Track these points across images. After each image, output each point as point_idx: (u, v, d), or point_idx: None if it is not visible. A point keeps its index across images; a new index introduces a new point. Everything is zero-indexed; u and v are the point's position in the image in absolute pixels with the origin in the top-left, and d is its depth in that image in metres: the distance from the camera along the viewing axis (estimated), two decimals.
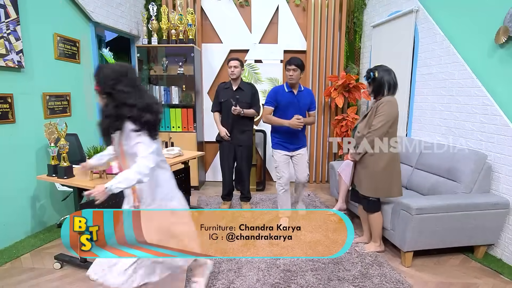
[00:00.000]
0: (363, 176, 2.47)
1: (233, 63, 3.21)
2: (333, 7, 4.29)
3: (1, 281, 2.17)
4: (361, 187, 2.51)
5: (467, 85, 2.70)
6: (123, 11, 3.94)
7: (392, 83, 2.37)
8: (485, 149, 2.56)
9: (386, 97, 2.36)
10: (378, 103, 2.36)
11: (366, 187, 2.46)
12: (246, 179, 3.44)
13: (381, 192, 2.44)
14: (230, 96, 3.22)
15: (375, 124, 2.32)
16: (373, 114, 2.37)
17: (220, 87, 3.38)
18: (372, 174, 2.41)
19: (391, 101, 2.33)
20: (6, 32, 2.49)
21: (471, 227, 2.37)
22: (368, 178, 2.44)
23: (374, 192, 2.45)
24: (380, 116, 2.31)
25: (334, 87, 4.14)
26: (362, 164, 2.46)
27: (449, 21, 2.91)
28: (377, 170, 2.39)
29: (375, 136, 2.32)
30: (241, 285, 2.13)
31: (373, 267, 2.34)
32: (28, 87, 2.74)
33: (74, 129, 3.05)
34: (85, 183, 2.20)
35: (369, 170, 2.42)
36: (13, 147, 2.64)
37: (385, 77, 2.36)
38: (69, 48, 3.16)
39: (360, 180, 2.50)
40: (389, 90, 2.37)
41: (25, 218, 2.79)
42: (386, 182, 2.41)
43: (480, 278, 2.25)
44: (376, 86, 2.39)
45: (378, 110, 2.33)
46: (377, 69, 2.41)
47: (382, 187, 2.42)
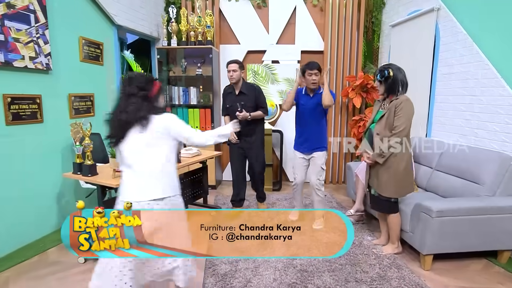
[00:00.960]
0: (386, 178, 2.41)
1: (231, 66, 3.03)
2: (351, 7, 4.25)
3: (30, 273, 2.29)
4: (384, 189, 2.44)
5: (491, 85, 2.63)
6: (144, 14, 4.05)
7: (405, 82, 2.36)
8: (510, 151, 2.48)
9: (402, 96, 2.34)
10: (396, 103, 2.32)
11: (391, 188, 2.42)
12: (258, 179, 3.38)
13: (404, 191, 2.44)
14: (234, 101, 3.13)
15: (398, 125, 2.28)
16: (391, 114, 2.34)
17: (225, 92, 3.29)
18: (396, 175, 2.38)
19: (409, 100, 2.32)
20: (35, 36, 2.62)
21: (495, 231, 2.31)
22: (393, 179, 2.39)
23: (398, 192, 2.43)
24: (401, 117, 2.28)
25: (351, 87, 4.11)
26: (385, 165, 2.39)
27: (472, 19, 2.84)
28: (400, 170, 2.36)
29: (401, 137, 2.29)
30: (258, 284, 2.15)
31: (391, 270, 2.31)
32: (55, 88, 2.87)
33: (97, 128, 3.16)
34: (108, 180, 2.28)
35: (392, 171, 2.38)
36: (41, 146, 2.76)
37: (399, 75, 2.35)
38: (93, 50, 3.28)
39: (383, 182, 2.43)
40: (402, 88, 2.36)
41: (52, 214, 2.91)
42: (407, 181, 2.42)
43: (503, 284, 2.18)
44: (390, 85, 2.37)
45: (398, 110, 2.30)
46: (390, 67, 2.39)
47: (404, 187, 2.42)
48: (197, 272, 2.29)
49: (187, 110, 4.25)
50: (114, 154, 2.28)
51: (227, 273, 2.26)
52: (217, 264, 2.37)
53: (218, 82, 4.42)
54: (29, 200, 2.67)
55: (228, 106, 3.23)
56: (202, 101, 4.31)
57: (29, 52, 2.57)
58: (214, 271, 2.29)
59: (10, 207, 2.52)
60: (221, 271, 2.29)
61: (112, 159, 2.29)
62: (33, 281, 2.18)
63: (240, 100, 3.10)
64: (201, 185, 3.46)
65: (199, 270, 2.32)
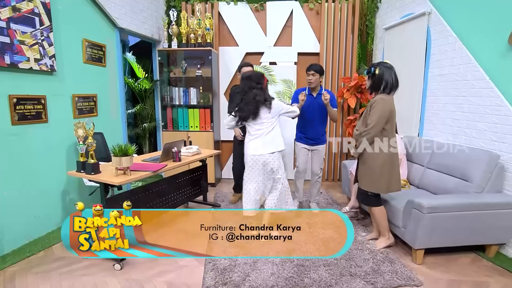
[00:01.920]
0: (362, 171, 2.55)
1: (248, 69, 3.26)
2: (346, 11, 4.36)
3: (37, 267, 2.35)
4: (360, 182, 2.58)
5: (480, 86, 2.73)
6: (145, 17, 4.13)
7: (391, 83, 2.39)
8: (498, 150, 2.57)
9: (379, 95, 2.40)
10: (372, 101, 2.41)
11: (365, 182, 2.54)
12: None
13: (380, 188, 2.50)
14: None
15: (369, 122, 2.38)
16: (367, 112, 2.43)
17: (233, 91, 3.50)
18: (370, 170, 2.47)
19: (384, 99, 2.36)
20: (40, 39, 2.69)
21: (483, 227, 2.39)
22: (367, 174, 2.51)
23: (372, 187, 2.51)
24: (373, 115, 2.37)
25: (346, 88, 4.21)
26: (361, 160, 2.55)
27: (462, 23, 2.94)
28: (374, 166, 2.45)
29: (371, 135, 2.38)
30: (256, 278, 2.20)
31: (384, 264, 2.38)
32: (59, 89, 2.94)
33: (100, 128, 3.25)
34: (111, 178, 2.33)
35: (367, 166, 2.49)
36: (46, 145, 2.83)
37: (385, 75, 2.39)
38: (96, 52, 3.36)
39: (360, 175, 2.58)
40: (385, 88, 2.40)
41: (56, 211, 2.98)
42: (384, 178, 2.46)
43: (491, 277, 2.26)
44: (374, 82, 2.44)
45: (371, 109, 2.38)
46: (379, 65, 2.44)
47: (380, 183, 2.47)
48: (197, 267, 2.38)
49: (187, 110, 4.34)
50: (116, 153, 2.35)
51: (226, 268, 2.32)
52: (216, 259, 2.43)
53: (217, 83, 4.51)
54: (34, 197, 2.74)
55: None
56: (202, 101, 4.39)
57: (34, 54, 2.64)
58: (214, 266, 2.35)
59: (16, 204, 2.59)
60: (221, 265, 2.35)
61: (114, 157, 2.34)
62: (39, 275, 2.25)
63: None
64: (201, 183, 3.54)
65: (199, 264, 2.41)
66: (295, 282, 2.17)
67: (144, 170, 2.53)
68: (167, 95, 4.43)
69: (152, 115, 4.71)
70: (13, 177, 2.57)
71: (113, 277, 2.23)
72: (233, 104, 3.35)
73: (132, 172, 2.46)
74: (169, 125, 4.42)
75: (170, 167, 2.76)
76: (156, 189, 2.93)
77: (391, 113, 2.39)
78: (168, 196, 3.08)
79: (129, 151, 2.36)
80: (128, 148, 2.37)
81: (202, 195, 3.62)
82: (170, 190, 3.12)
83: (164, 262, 2.43)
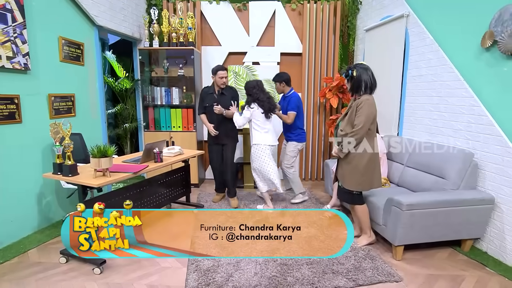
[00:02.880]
0: (347, 171, 2.56)
1: (224, 73, 3.43)
2: (327, 12, 4.42)
3: (10, 274, 2.25)
4: (345, 182, 2.59)
5: (455, 87, 2.82)
6: (125, 15, 4.05)
7: (370, 83, 2.44)
8: (472, 148, 2.67)
9: (364, 96, 2.44)
10: (357, 102, 2.44)
11: (350, 181, 2.56)
12: (230, 176, 3.65)
13: (365, 185, 2.55)
14: (213, 101, 3.42)
15: (357, 123, 2.41)
16: (353, 113, 2.46)
17: (204, 92, 3.58)
18: (356, 169, 2.50)
19: (369, 100, 2.41)
20: (13, 36, 2.59)
21: (459, 222, 2.47)
22: (352, 173, 2.53)
23: (357, 186, 2.55)
24: (360, 116, 2.40)
25: (329, 88, 4.26)
26: (345, 160, 2.55)
27: (438, 25, 3.03)
28: (360, 165, 2.48)
29: (360, 135, 2.41)
30: (240, 278, 2.20)
31: (365, 261, 2.43)
32: (34, 88, 2.84)
33: (78, 128, 3.16)
34: (89, 180, 2.27)
35: (352, 165, 2.52)
36: (20, 146, 2.72)
37: (363, 76, 2.43)
38: (73, 50, 3.26)
39: (344, 175, 2.59)
40: (366, 89, 2.45)
41: (32, 215, 2.88)
42: (368, 176, 2.52)
43: (466, 270, 2.35)
44: (353, 84, 2.49)
45: (358, 110, 2.42)
46: (355, 67, 2.48)
47: (364, 181, 2.52)
48: (179, 268, 2.36)
49: (170, 110, 4.28)
50: (95, 154, 2.29)
51: (209, 268, 2.31)
52: (199, 260, 2.41)
53: (200, 82, 4.47)
54: (8, 201, 2.64)
55: (207, 105, 3.50)
56: (185, 101, 4.34)
57: (6, 52, 2.53)
58: (197, 267, 2.33)
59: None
60: (204, 266, 2.34)
61: (93, 159, 2.28)
62: (13, 282, 2.16)
63: (220, 99, 3.48)
64: (183, 183, 3.50)
65: (181, 266, 2.38)
66: (278, 281, 2.18)
67: (124, 172, 2.48)
68: (148, 95, 4.36)
69: (133, 115, 4.62)
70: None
71: (92, 281, 2.17)
72: (203, 103, 3.55)
73: (112, 173, 2.41)
74: (151, 125, 4.35)
75: (152, 168, 2.72)
76: (137, 191, 2.87)
77: (375, 115, 2.45)
78: (150, 197, 3.03)
79: (108, 152, 2.31)
80: (108, 149, 2.32)
81: (185, 195, 3.58)
82: (152, 191, 3.07)
83: (145, 264, 2.39)
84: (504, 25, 2.36)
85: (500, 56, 2.41)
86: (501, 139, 2.43)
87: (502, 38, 2.35)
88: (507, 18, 2.35)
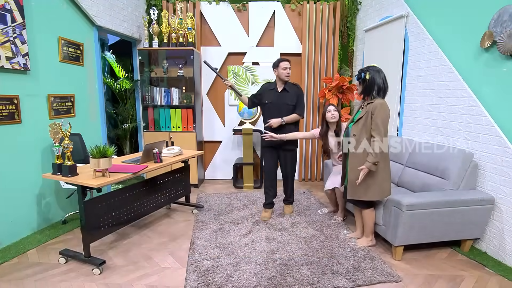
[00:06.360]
0: (372, 182, 2.45)
1: (288, 64, 3.07)
2: (327, 12, 4.42)
3: (9, 275, 2.25)
4: (367, 194, 2.49)
5: (454, 87, 2.82)
6: (125, 15, 4.04)
7: (382, 87, 2.40)
8: (472, 148, 2.67)
9: (378, 100, 2.38)
10: (372, 107, 2.37)
11: (374, 192, 2.47)
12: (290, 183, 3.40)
13: (386, 192, 2.50)
14: (274, 99, 3.13)
15: (378, 128, 2.33)
16: (368, 118, 2.39)
17: (264, 88, 3.24)
18: (380, 177, 2.44)
19: (383, 104, 2.37)
20: (12, 36, 2.58)
21: (458, 222, 2.47)
22: (377, 183, 2.45)
23: (381, 194, 2.48)
24: (379, 120, 2.33)
25: (328, 88, 4.26)
26: (369, 173, 2.42)
27: (438, 26, 3.04)
28: (383, 173, 2.44)
29: (382, 137, 2.34)
30: (239, 278, 2.19)
31: (365, 261, 2.42)
32: (33, 89, 2.83)
33: (78, 129, 3.16)
34: (89, 181, 2.26)
35: (378, 175, 2.43)
36: (20, 147, 2.72)
37: (376, 79, 2.39)
38: (73, 51, 3.26)
39: (369, 186, 2.47)
40: (378, 92, 2.40)
41: (31, 215, 2.87)
42: (389, 182, 2.48)
43: (466, 271, 2.35)
44: (366, 87, 2.44)
45: (374, 114, 2.35)
46: (368, 70, 2.42)
47: (386, 187, 2.48)
48: (179, 268, 2.35)
49: (169, 110, 4.28)
50: (94, 154, 2.28)
51: (209, 269, 2.30)
52: (199, 261, 2.42)
53: (199, 83, 4.48)
54: (8, 202, 2.63)
55: (266, 102, 3.18)
56: (185, 101, 4.34)
57: (6, 52, 2.53)
58: (196, 268, 2.32)
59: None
60: (203, 267, 2.33)
61: (92, 159, 2.27)
62: (12, 283, 2.15)
63: (282, 96, 3.13)
64: (183, 184, 3.50)
65: (181, 266, 2.38)
66: (278, 281, 2.17)
67: (124, 172, 2.47)
68: (148, 95, 4.35)
69: (133, 116, 4.61)
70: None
71: (91, 282, 2.17)
72: (262, 99, 3.20)
73: (112, 174, 2.41)
74: (150, 126, 4.35)
75: (151, 169, 2.72)
76: (137, 191, 2.87)
77: (389, 117, 2.40)
78: (149, 198, 3.02)
79: (107, 153, 2.31)
80: (107, 149, 2.31)
81: (184, 196, 3.57)
82: (152, 192, 3.06)
83: (145, 265, 2.39)
84: (503, 25, 2.37)
85: (499, 56, 2.42)
86: (500, 139, 2.43)
87: (501, 39, 2.36)
88: (506, 19, 2.35)
